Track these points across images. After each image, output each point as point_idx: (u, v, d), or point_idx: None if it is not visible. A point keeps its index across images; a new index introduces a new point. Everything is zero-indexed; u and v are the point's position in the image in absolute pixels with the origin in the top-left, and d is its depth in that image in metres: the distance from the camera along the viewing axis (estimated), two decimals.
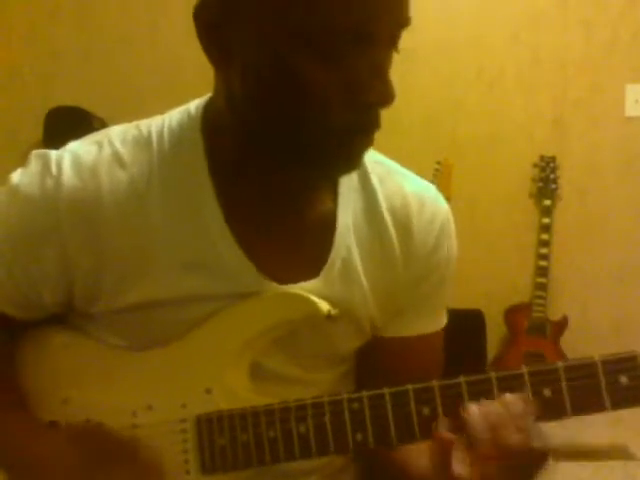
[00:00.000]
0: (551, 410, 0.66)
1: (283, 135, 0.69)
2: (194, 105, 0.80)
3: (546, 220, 2.66)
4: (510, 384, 0.67)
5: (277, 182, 0.78)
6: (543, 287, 2.63)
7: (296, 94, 0.66)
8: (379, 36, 0.65)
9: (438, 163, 2.38)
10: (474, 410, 0.64)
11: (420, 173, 0.89)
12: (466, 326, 2.46)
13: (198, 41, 0.71)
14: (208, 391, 0.76)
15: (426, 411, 0.68)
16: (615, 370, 0.65)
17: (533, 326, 2.61)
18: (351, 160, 0.72)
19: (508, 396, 0.65)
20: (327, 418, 0.71)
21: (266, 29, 0.65)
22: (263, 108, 0.69)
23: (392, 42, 0.68)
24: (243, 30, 0.66)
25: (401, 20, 0.66)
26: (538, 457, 0.63)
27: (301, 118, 0.67)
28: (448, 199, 0.89)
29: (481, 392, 0.67)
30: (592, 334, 2.71)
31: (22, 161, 0.79)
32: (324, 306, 0.75)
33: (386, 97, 0.66)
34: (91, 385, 0.79)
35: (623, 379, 0.64)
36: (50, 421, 0.79)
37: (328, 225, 0.80)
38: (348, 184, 0.82)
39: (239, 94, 0.70)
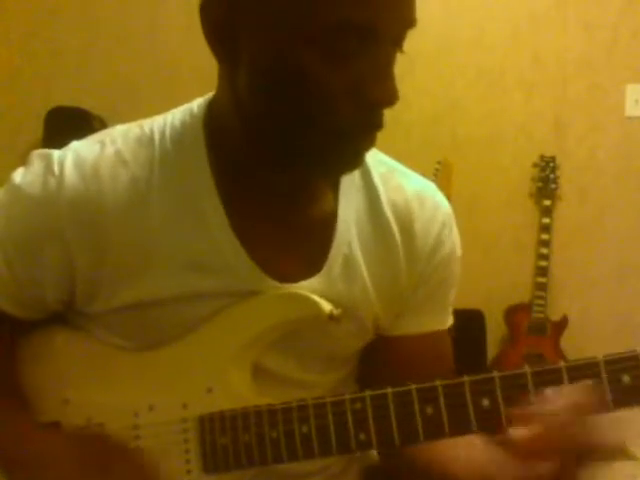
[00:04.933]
0: None
1: (288, 134, 0.69)
2: (196, 104, 0.80)
3: (546, 220, 2.65)
4: (513, 382, 0.66)
5: (279, 180, 0.78)
6: (543, 287, 2.62)
7: (301, 93, 0.65)
8: (385, 35, 0.65)
9: (438, 163, 2.38)
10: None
11: (420, 173, 0.89)
12: (466, 326, 2.45)
13: (197, 41, 0.71)
14: (209, 391, 0.76)
15: (429, 411, 0.68)
16: (617, 369, 0.64)
17: (533, 326, 2.61)
18: (354, 159, 0.72)
19: (571, 388, 0.63)
20: (329, 418, 0.70)
21: (272, 28, 0.65)
22: (269, 107, 0.69)
23: (397, 42, 0.68)
24: (249, 29, 0.66)
25: (407, 20, 0.66)
26: (610, 449, 0.61)
27: (306, 117, 0.67)
28: (448, 199, 0.89)
29: (485, 392, 0.67)
30: (592, 334, 2.71)
31: (22, 161, 0.79)
32: (326, 306, 0.75)
33: (390, 97, 0.66)
34: (92, 385, 0.79)
35: (626, 378, 0.64)
36: (52, 422, 0.79)
37: (329, 222, 0.80)
38: (350, 182, 0.82)
39: (245, 92, 0.70)
